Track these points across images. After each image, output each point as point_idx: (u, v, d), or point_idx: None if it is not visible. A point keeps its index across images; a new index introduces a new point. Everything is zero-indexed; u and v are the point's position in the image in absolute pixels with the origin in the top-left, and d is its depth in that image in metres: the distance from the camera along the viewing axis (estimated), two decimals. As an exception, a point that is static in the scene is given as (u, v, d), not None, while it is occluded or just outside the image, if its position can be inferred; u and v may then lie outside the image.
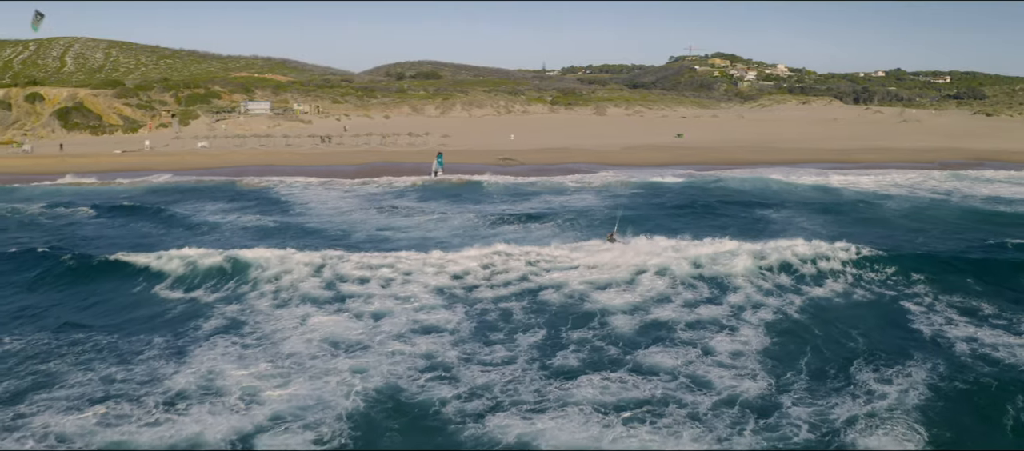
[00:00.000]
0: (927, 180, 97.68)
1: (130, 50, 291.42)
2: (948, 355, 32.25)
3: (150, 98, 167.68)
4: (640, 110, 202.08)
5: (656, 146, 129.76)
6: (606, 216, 64.30)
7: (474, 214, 66.77)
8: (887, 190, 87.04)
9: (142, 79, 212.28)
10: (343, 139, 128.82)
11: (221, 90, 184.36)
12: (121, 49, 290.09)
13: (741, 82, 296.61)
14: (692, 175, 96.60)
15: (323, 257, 45.83)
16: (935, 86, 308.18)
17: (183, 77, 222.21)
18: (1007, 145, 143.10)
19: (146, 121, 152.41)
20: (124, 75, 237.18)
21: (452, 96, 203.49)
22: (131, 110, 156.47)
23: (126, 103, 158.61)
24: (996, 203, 78.69)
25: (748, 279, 43.16)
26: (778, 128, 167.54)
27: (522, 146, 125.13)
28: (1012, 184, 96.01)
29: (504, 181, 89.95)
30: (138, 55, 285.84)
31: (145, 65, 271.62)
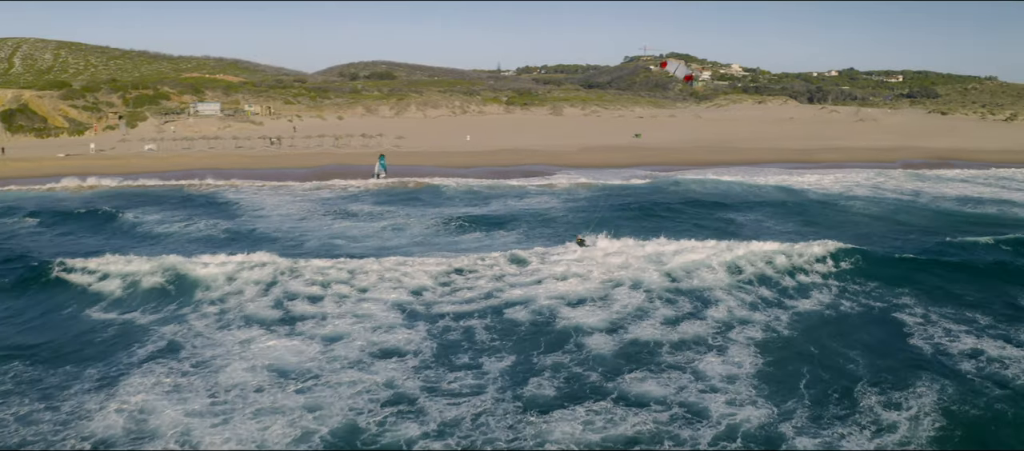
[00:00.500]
0: (889, 180, 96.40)
1: (79, 51, 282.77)
2: (953, 373, 29.80)
3: (97, 100, 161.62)
4: (597, 110, 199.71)
5: (615, 147, 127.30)
6: (570, 221, 61.74)
7: (433, 220, 63.50)
8: (852, 191, 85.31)
9: (91, 80, 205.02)
10: (295, 141, 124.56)
11: (170, 91, 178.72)
12: (70, 50, 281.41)
13: (696, 82, 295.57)
14: (655, 177, 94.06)
15: (273, 272, 42.33)
16: (888, 85, 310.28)
17: (133, 78, 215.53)
18: (965, 144, 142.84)
19: (92, 123, 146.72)
20: (73, 76, 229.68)
21: (407, 97, 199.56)
22: (77, 112, 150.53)
23: (72, 105, 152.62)
24: (965, 203, 77.26)
25: (729, 292, 40.46)
26: (736, 128, 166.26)
27: (479, 147, 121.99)
28: (975, 184, 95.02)
29: (462, 184, 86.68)
30: (87, 56, 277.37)
31: (95, 66, 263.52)
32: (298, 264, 43.76)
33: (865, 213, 70.76)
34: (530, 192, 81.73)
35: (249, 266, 43.45)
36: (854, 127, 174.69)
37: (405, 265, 44.27)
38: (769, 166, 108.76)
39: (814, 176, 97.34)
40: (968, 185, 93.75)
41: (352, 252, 49.35)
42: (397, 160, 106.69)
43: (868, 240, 53.63)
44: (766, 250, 47.93)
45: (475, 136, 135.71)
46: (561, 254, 47.71)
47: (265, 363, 30.21)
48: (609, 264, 44.81)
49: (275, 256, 45.40)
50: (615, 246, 49.22)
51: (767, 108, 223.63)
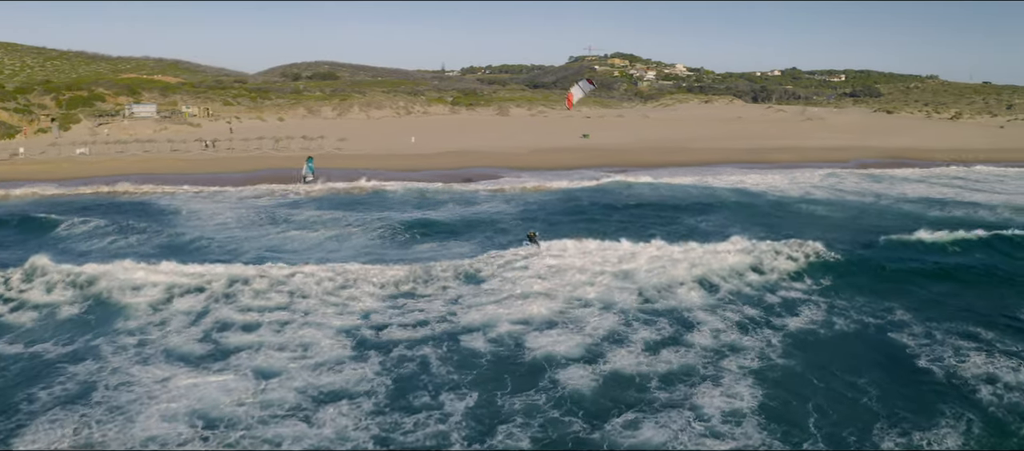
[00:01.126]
0: (846, 181, 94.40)
1: (15, 51, 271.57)
2: (973, 404, 26.53)
3: (29, 101, 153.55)
4: (543, 110, 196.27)
5: (564, 148, 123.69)
6: (526, 228, 57.63)
7: (380, 229, 59.06)
8: (811, 194, 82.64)
9: (26, 82, 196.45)
10: (233, 143, 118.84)
11: (106, 92, 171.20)
12: (5, 50, 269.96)
13: (641, 82, 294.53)
14: (609, 178, 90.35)
15: (206, 297, 37.76)
16: (831, 85, 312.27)
17: (70, 79, 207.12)
18: (915, 143, 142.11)
19: (23, 126, 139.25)
20: (8, 78, 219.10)
21: (350, 97, 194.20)
22: (8, 115, 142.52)
23: (3, 107, 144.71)
24: (930, 206, 74.71)
25: (711, 311, 36.67)
26: (685, 128, 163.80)
27: (425, 149, 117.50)
28: (934, 184, 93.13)
29: (409, 188, 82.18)
30: (23, 56, 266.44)
31: (31, 67, 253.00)
32: (233, 287, 39.15)
33: (828, 217, 67.86)
34: (480, 197, 77.61)
35: (180, 291, 38.68)
36: (801, 126, 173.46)
37: (351, 287, 39.82)
38: (722, 167, 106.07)
39: (769, 177, 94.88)
40: (926, 185, 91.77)
41: (293, 265, 44.63)
42: (340, 163, 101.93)
43: (841, 247, 50.30)
44: (743, 262, 44.56)
45: (420, 138, 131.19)
46: (520, 267, 43.72)
47: (187, 408, 25.65)
48: (575, 281, 40.86)
49: (208, 274, 40.87)
50: (578, 258, 45.50)
51: (714, 107, 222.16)
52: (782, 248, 47.57)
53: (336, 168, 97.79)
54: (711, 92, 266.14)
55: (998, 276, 44.50)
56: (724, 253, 46.57)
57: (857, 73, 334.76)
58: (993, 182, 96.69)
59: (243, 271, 41.77)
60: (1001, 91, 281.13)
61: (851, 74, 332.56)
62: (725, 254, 46.38)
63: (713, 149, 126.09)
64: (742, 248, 47.73)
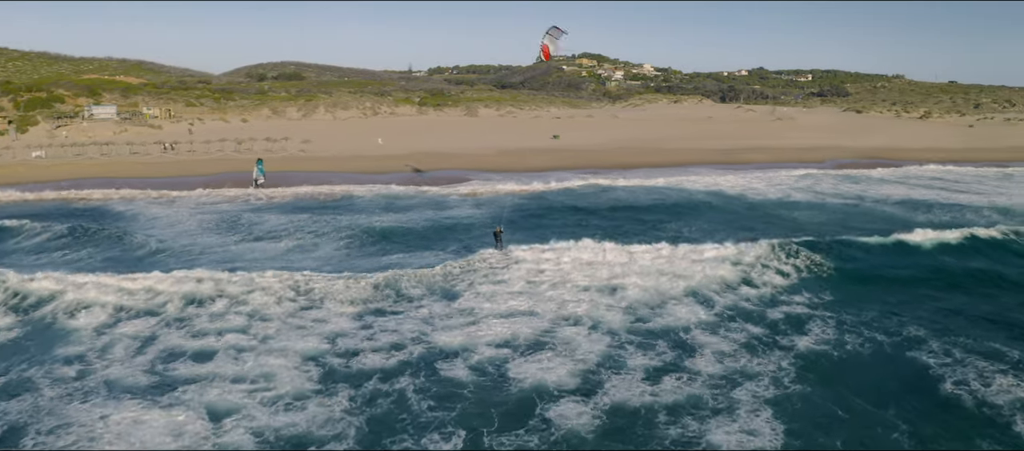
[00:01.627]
0: (823, 182, 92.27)
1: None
2: (1013, 438, 23.70)
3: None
4: (512, 111, 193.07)
5: (535, 149, 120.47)
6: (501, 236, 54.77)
7: (346, 236, 55.89)
8: (791, 196, 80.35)
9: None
10: (194, 146, 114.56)
11: (65, 94, 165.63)
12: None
13: (609, 82, 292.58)
14: (583, 181, 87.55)
15: (156, 324, 34.20)
16: (798, 84, 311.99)
17: (32, 80, 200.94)
18: (887, 143, 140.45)
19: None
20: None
21: (315, 98, 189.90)
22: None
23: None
24: (914, 208, 72.44)
25: (710, 330, 33.79)
26: (656, 128, 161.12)
27: (392, 151, 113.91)
28: (912, 185, 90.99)
29: (377, 192, 78.98)
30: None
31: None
32: (187, 309, 35.70)
33: (813, 221, 65.29)
34: (451, 201, 74.40)
35: (129, 313, 35.31)
36: (772, 126, 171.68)
37: (317, 307, 36.43)
38: (697, 168, 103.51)
39: (746, 178, 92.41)
40: (905, 187, 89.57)
41: (253, 278, 41.06)
42: (305, 166, 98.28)
43: (835, 255, 47.60)
44: (734, 273, 41.78)
45: (387, 139, 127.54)
46: (498, 280, 40.66)
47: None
48: (558, 296, 37.90)
49: (161, 291, 37.45)
50: (559, 267, 42.67)
51: (683, 107, 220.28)
52: (771, 257, 44.90)
53: (301, 170, 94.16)
54: (679, 92, 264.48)
55: (1005, 285, 42.02)
56: (714, 262, 43.84)
57: (824, 73, 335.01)
58: (971, 182, 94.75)
59: (197, 288, 38.20)
60: (968, 90, 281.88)
61: (818, 74, 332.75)
62: (715, 263, 43.65)
63: (686, 150, 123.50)
64: (731, 257, 45.00)
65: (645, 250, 46.98)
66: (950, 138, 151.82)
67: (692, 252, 46.85)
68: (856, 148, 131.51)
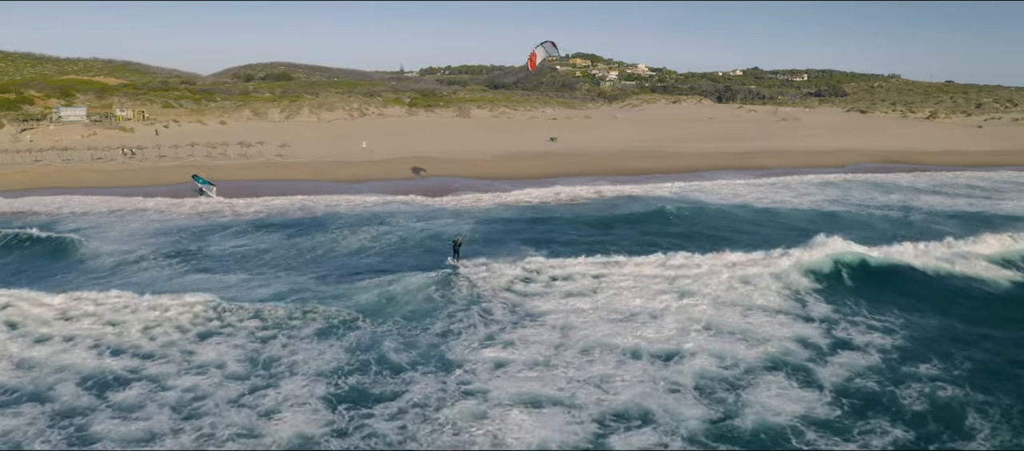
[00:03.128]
0: (852, 190, 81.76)
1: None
2: None
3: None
4: (506, 111, 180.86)
5: (532, 153, 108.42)
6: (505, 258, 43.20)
7: (316, 266, 44.31)
8: (824, 207, 69.86)
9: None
10: (163, 150, 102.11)
11: (36, 95, 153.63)
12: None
13: (603, 82, 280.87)
14: (588, 190, 76.29)
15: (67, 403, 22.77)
16: (794, 84, 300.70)
17: (12, 81, 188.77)
18: (906, 145, 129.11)
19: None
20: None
21: (300, 98, 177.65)
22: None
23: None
24: (971, 222, 61.19)
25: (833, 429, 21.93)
26: (658, 129, 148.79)
27: (378, 155, 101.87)
28: (956, 195, 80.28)
29: (355, 205, 67.60)
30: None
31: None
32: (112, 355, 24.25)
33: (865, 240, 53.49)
34: (440, 215, 62.67)
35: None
36: (777, 127, 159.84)
37: (271, 393, 24.56)
38: (710, 174, 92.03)
39: (769, 187, 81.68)
40: (946, 197, 78.79)
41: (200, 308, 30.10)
42: (280, 173, 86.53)
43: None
44: (814, 332, 29.99)
45: (375, 142, 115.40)
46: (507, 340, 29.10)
47: None
48: (595, 374, 26.00)
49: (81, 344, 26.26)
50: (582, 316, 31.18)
51: (683, 107, 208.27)
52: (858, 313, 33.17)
53: (274, 180, 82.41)
54: (675, 92, 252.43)
55: None
56: (787, 318, 32.03)
57: (819, 72, 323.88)
58: (1012, 191, 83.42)
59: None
60: (967, 90, 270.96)
61: (813, 74, 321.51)
62: (788, 320, 31.84)
63: (695, 153, 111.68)
64: (812, 315, 33.20)
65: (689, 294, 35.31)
66: (967, 140, 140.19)
67: (752, 292, 35.24)
68: (873, 151, 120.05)
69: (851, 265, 41.65)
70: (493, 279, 38.98)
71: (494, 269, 40.78)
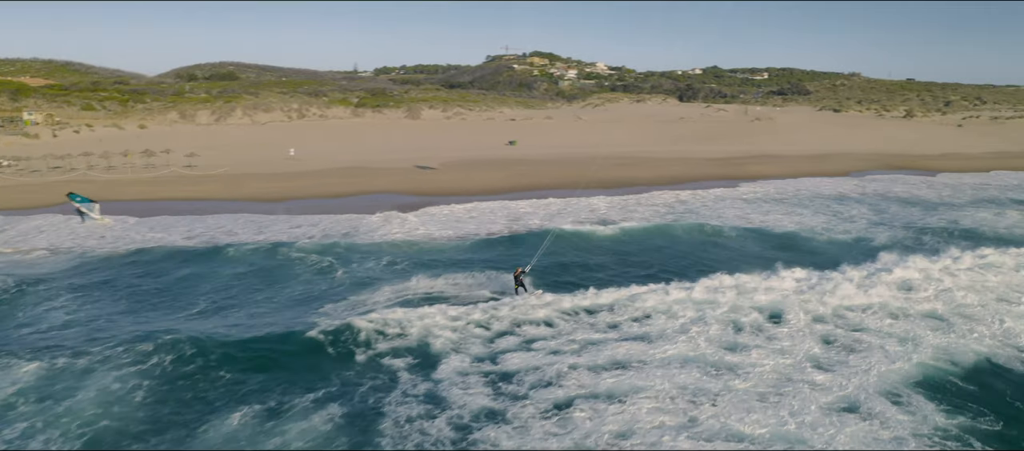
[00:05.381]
0: (887, 207, 64.62)
1: None
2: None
3: None
4: (460, 112, 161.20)
5: (488, 160, 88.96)
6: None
7: (189, 345, 27.04)
8: (867, 234, 50.85)
9: None
10: (53, 161, 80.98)
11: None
12: None
13: (562, 81, 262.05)
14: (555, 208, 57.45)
15: None
16: (754, 82, 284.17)
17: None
18: (905, 148, 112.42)
19: None
20: None
21: (236, 98, 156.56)
22: None
23: None
24: None
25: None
26: (628, 131, 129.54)
27: (306, 164, 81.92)
28: (1006, 204, 62.50)
29: (260, 234, 49.18)
30: None
31: None
32: None
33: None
34: (370, 257, 43.26)
35: None
36: (753, 127, 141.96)
37: None
38: (699, 186, 73.97)
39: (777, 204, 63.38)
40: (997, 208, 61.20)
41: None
42: (181, 191, 67.28)
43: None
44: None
45: (310, 147, 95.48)
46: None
47: None
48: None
49: None
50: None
51: (649, 107, 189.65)
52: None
53: (172, 199, 63.27)
54: (636, 91, 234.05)
55: None
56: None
57: (780, 71, 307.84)
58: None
59: None
60: (931, 87, 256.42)
61: (774, 72, 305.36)
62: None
63: (676, 159, 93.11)
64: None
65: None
66: (962, 142, 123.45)
67: None
68: (870, 155, 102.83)
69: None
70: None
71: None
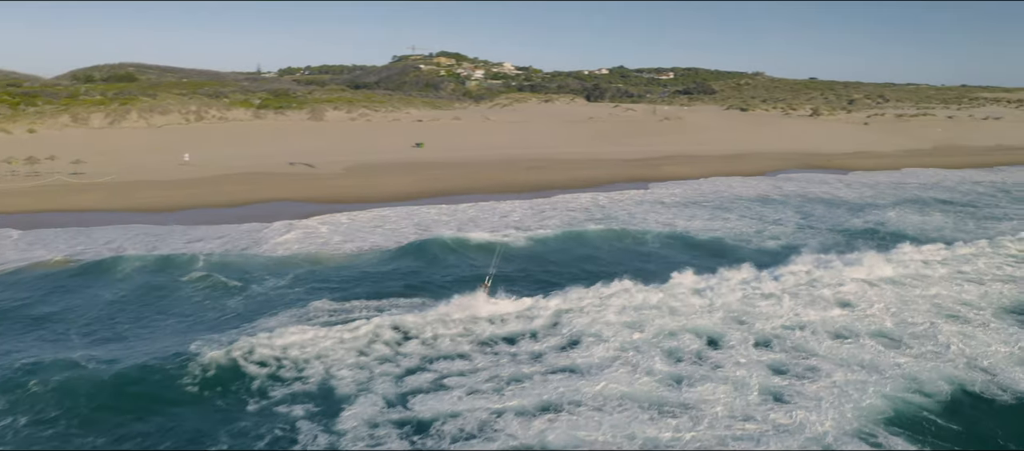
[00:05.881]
0: (788, 203, 63.49)
1: None
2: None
3: None
4: (366, 113, 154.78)
5: (394, 164, 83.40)
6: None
7: (54, 380, 24.59)
8: (785, 238, 48.47)
9: None
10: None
11: None
12: None
13: (469, 81, 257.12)
14: (469, 213, 52.62)
15: None
16: (660, 82, 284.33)
17: None
18: (819, 147, 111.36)
19: None
20: None
21: (132, 100, 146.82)
22: None
23: None
24: None
25: None
26: (539, 132, 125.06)
27: (200, 171, 75.02)
28: (960, 212, 60.33)
29: (146, 254, 42.20)
30: None
31: None
32: None
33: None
34: (255, 268, 38.08)
35: None
36: (662, 126, 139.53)
37: None
38: (624, 188, 70.32)
39: (703, 209, 59.83)
40: (914, 212, 58.41)
41: None
42: (64, 200, 60.09)
43: None
44: None
45: (208, 151, 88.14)
46: None
47: None
48: None
49: None
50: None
51: (557, 107, 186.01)
52: None
53: (58, 210, 56.08)
54: (543, 91, 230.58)
55: None
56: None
57: (685, 70, 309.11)
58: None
59: None
60: (833, 86, 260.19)
61: (679, 72, 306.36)
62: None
63: (588, 160, 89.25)
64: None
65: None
66: (872, 140, 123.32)
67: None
68: (781, 153, 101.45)
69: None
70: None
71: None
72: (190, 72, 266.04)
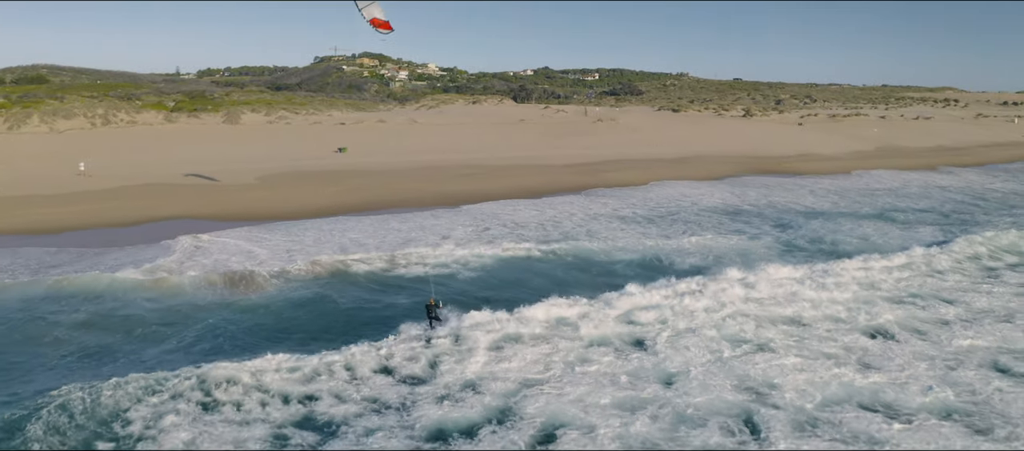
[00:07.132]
0: (763, 214, 56.70)
1: None
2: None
3: None
4: (285, 115, 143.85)
5: (312, 172, 73.63)
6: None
7: None
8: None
9: None
10: None
11: None
12: None
13: (393, 82, 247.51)
14: (399, 232, 43.68)
15: None
16: (586, 83, 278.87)
17: None
18: (760, 149, 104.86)
19: None
20: None
21: (33, 103, 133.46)
22: None
23: None
24: None
25: None
26: (470, 135, 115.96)
27: (97, 182, 64.27)
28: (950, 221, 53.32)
29: (13, 285, 33.06)
30: None
31: None
32: None
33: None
34: (140, 306, 29.46)
35: None
36: (597, 128, 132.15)
37: None
38: (570, 196, 62.53)
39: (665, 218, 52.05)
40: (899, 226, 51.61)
41: None
42: None
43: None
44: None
45: (105, 160, 76.65)
46: None
47: None
48: None
49: None
50: None
51: (486, 108, 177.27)
52: None
53: None
54: (469, 92, 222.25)
55: None
56: None
57: (610, 72, 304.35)
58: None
59: None
60: (759, 86, 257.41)
61: (604, 73, 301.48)
62: None
63: (527, 166, 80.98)
64: None
65: None
66: (815, 142, 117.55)
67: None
68: (726, 156, 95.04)
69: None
70: None
71: None
72: (107, 74, 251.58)
